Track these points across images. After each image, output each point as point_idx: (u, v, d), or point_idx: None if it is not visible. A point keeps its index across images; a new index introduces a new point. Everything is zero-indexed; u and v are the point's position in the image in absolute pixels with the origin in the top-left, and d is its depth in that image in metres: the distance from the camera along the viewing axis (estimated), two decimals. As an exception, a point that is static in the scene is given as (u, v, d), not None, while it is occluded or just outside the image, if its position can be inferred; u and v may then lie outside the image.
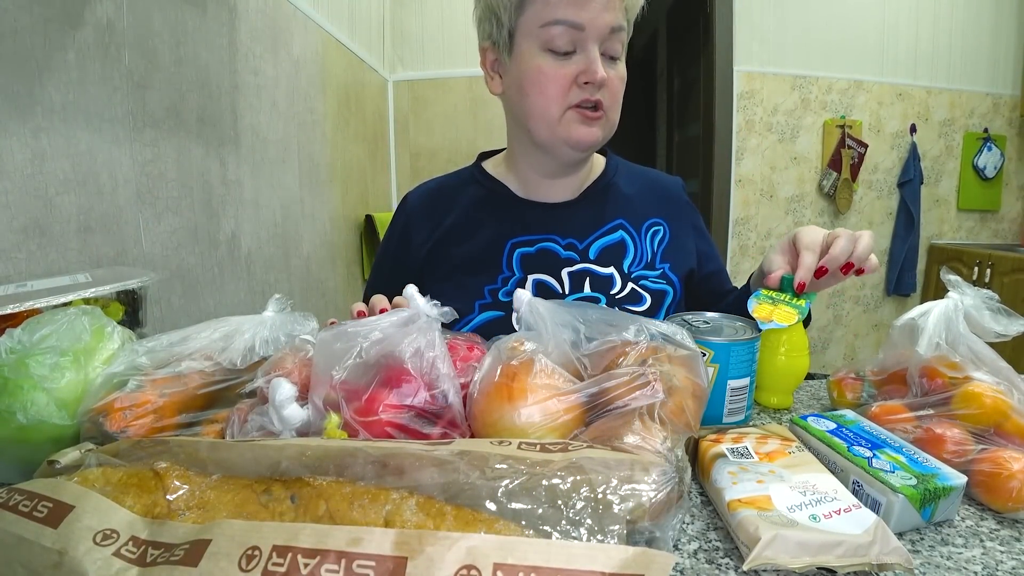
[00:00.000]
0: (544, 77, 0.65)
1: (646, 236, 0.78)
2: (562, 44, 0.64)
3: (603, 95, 0.66)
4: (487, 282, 0.74)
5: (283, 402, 0.42)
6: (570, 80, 0.65)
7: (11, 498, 0.32)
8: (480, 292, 0.73)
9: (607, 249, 0.76)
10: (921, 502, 0.40)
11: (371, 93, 2.12)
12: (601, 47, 0.65)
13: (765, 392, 0.64)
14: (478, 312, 0.72)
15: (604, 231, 0.77)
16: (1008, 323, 0.52)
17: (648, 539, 0.30)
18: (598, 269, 0.75)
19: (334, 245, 1.76)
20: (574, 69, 0.64)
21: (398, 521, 0.29)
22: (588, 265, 0.75)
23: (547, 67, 0.65)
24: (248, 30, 1.18)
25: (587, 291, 0.74)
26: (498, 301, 0.73)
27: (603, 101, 0.66)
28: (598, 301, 0.73)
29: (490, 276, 0.74)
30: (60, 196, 0.72)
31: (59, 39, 0.72)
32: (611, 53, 0.66)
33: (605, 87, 0.66)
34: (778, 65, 2.43)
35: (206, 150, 1.05)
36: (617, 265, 0.75)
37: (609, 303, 0.73)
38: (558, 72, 0.64)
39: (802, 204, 2.56)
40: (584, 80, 0.64)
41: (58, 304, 0.53)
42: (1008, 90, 2.62)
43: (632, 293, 0.74)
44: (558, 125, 0.67)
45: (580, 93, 0.65)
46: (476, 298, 0.73)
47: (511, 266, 0.74)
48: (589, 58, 0.64)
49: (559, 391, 0.42)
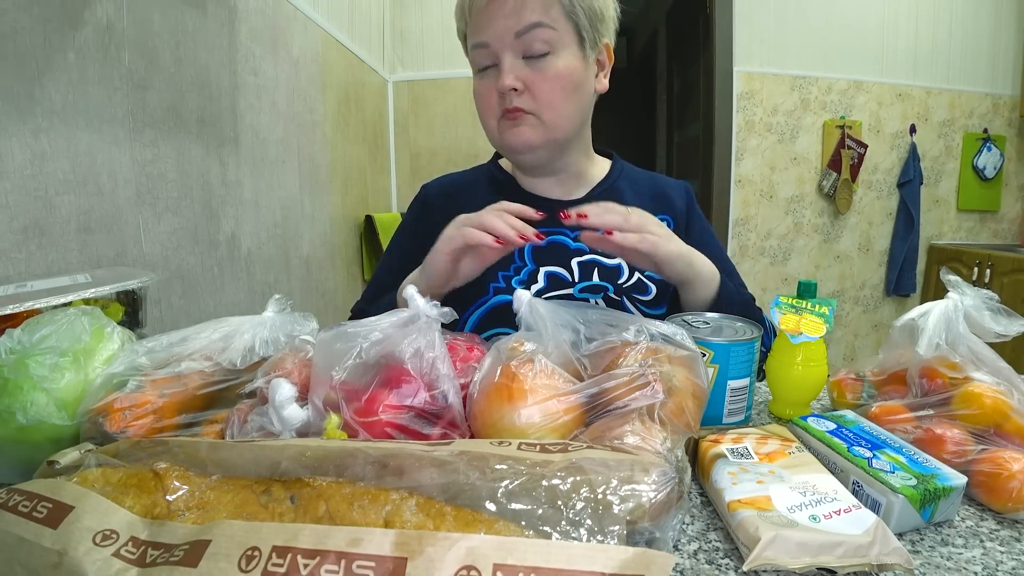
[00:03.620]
0: (478, 96, 0.72)
1: None
2: (482, 62, 0.69)
3: (523, 99, 0.67)
4: (501, 268, 0.76)
5: (283, 402, 0.42)
6: (494, 93, 0.69)
7: (11, 498, 0.32)
8: (495, 276, 0.76)
9: None
10: (921, 502, 0.40)
11: (371, 93, 2.12)
12: (520, 51, 0.66)
13: (780, 404, 0.62)
14: (492, 294, 0.75)
15: None
16: (1008, 323, 0.52)
17: (648, 540, 0.30)
18: (606, 260, 0.77)
19: (334, 246, 1.76)
20: (494, 82, 0.68)
21: (398, 521, 0.29)
22: (596, 256, 0.77)
23: (478, 86, 0.71)
24: (248, 30, 1.18)
25: (596, 280, 0.76)
26: (511, 287, 0.75)
27: (523, 106, 0.67)
28: (606, 290, 0.75)
29: (503, 264, 0.76)
30: (60, 196, 0.72)
31: (59, 39, 0.72)
32: (532, 52, 0.66)
33: (527, 92, 0.67)
34: (778, 65, 2.43)
35: (206, 150, 1.05)
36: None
37: (617, 292, 0.76)
38: (485, 88, 0.70)
39: (802, 204, 2.56)
40: (498, 90, 0.68)
41: (58, 304, 0.52)
42: (1008, 90, 2.62)
43: (639, 283, 0.77)
44: (497, 134, 0.72)
45: (501, 102, 0.69)
46: (490, 281, 0.76)
47: (523, 257, 0.77)
48: (499, 70, 0.67)
49: (559, 392, 0.42)
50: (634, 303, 0.76)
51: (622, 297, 0.76)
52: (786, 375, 0.60)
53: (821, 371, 0.59)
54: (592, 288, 0.76)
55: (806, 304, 0.59)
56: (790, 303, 0.60)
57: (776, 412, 0.62)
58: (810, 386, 0.60)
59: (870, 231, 2.64)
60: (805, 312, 0.58)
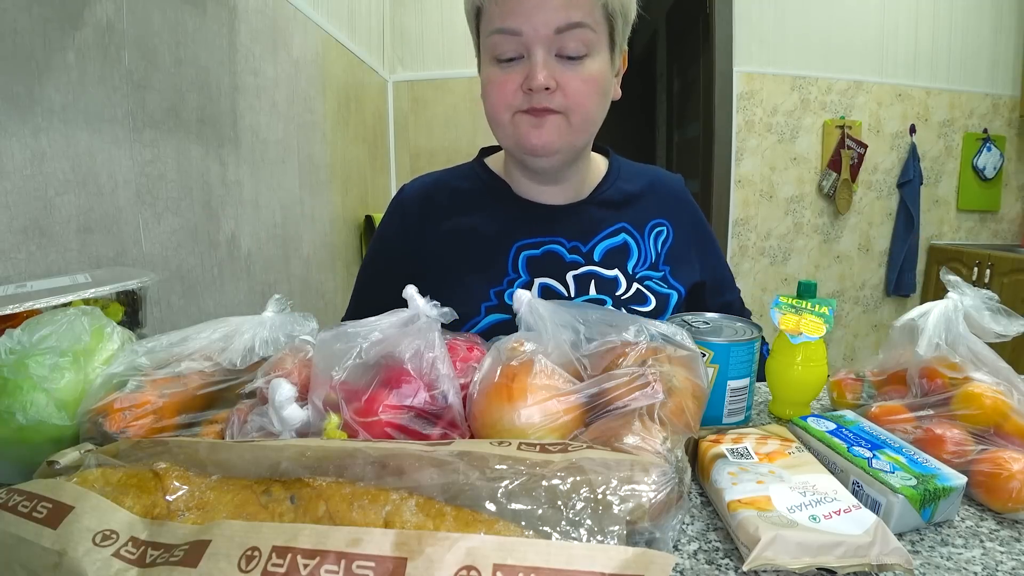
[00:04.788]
0: (491, 86, 0.66)
1: (649, 237, 0.78)
2: (506, 51, 0.63)
3: (554, 99, 0.63)
4: (493, 284, 0.73)
5: (283, 403, 0.42)
6: (516, 86, 0.64)
7: (11, 498, 0.32)
8: (486, 294, 0.72)
9: (611, 251, 0.76)
10: (921, 502, 0.40)
11: (371, 94, 2.12)
12: (554, 48, 0.62)
13: (780, 404, 0.62)
14: (484, 315, 0.71)
15: (607, 234, 0.76)
16: (1008, 323, 0.52)
17: (648, 540, 0.30)
18: (603, 272, 0.74)
19: (334, 246, 1.76)
20: (519, 75, 0.63)
21: (398, 522, 0.29)
22: (593, 268, 0.74)
23: (494, 75, 0.65)
24: (248, 31, 1.18)
25: (592, 293, 0.73)
26: (504, 304, 0.71)
27: (551, 106, 0.63)
28: (604, 303, 0.72)
29: (496, 278, 0.73)
30: (60, 196, 0.72)
31: (59, 39, 0.72)
32: (567, 53, 0.62)
33: (559, 91, 0.63)
34: (778, 65, 2.43)
35: (206, 150, 1.05)
36: (621, 267, 0.75)
37: (615, 305, 0.72)
38: (504, 79, 0.64)
39: (802, 204, 2.56)
40: (527, 87, 0.63)
41: (58, 304, 0.52)
42: (1008, 91, 2.62)
43: (637, 294, 0.74)
44: (510, 129, 0.67)
45: (526, 99, 0.64)
46: (482, 300, 0.72)
47: (517, 269, 0.73)
48: (531, 63, 0.62)
49: (559, 392, 0.42)
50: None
51: (621, 309, 0.73)
52: (786, 375, 0.60)
53: (821, 371, 0.59)
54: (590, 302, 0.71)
55: (806, 304, 0.59)
56: (790, 303, 0.60)
57: (776, 412, 0.62)
58: (810, 386, 0.60)
59: (870, 231, 2.64)
60: (805, 312, 0.58)
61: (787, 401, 0.61)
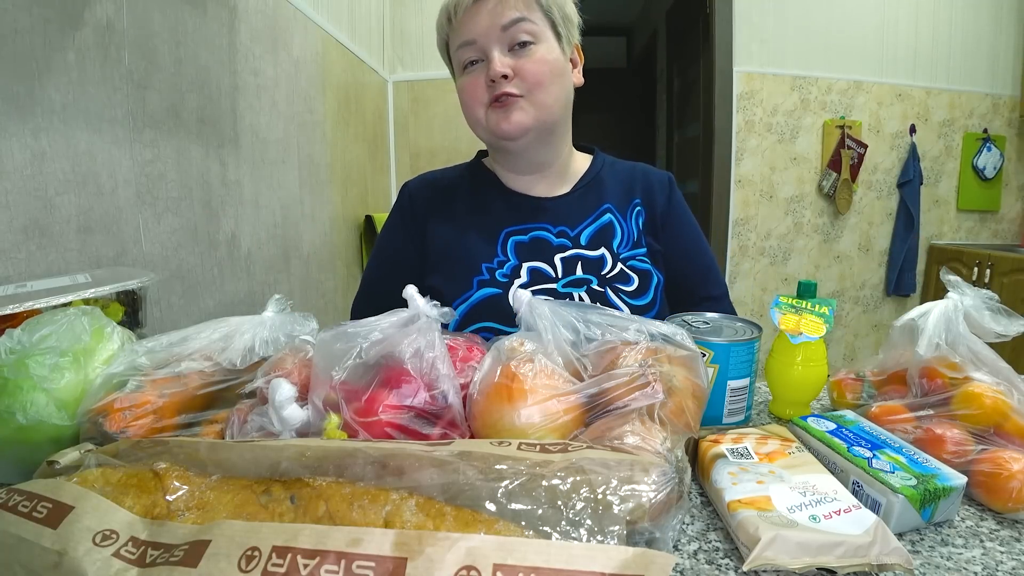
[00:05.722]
0: (464, 91, 0.76)
1: (631, 217, 0.83)
2: (470, 57, 0.74)
3: (515, 84, 0.72)
4: (484, 260, 0.78)
5: (283, 403, 0.42)
6: (482, 85, 0.73)
7: (11, 498, 0.32)
8: (478, 268, 0.77)
9: (597, 233, 0.80)
10: (921, 502, 0.40)
11: (371, 93, 2.12)
12: (506, 43, 0.72)
13: (780, 404, 0.62)
14: (476, 288, 0.76)
15: (593, 217, 0.81)
16: (1008, 323, 0.52)
17: (648, 540, 0.30)
18: (588, 253, 0.79)
19: (334, 245, 1.76)
20: (483, 75, 0.73)
21: (398, 522, 0.29)
22: (579, 251, 0.79)
23: (464, 81, 0.76)
24: (248, 31, 1.18)
25: (579, 274, 0.77)
26: (495, 280, 0.76)
27: (512, 91, 0.72)
28: (590, 282, 0.77)
29: (487, 256, 0.78)
30: (60, 196, 0.72)
31: (59, 39, 0.72)
32: (518, 41, 0.72)
33: (516, 76, 0.72)
34: (778, 65, 2.43)
35: (206, 150, 1.05)
36: (607, 246, 0.80)
37: (600, 283, 0.77)
38: (473, 82, 0.74)
39: (802, 204, 2.56)
40: (489, 79, 0.72)
41: (58, 304, 0.52)
42: (1008, 91, 2.62)
43: (621, 273, 0.78)
44: (484, 123, 0.75)
45: (491, 90, 0.73)
46: (474, 274, 0.77)
47: (506, 252, 0.79)
48: (489, 59, 0.72)
49: (559, 392, 0.42)
50: (617, 293, 0.77)
51: (605, 288, 0.77)
52: (786, 375, 0.60)
53: (821, 371, 0.59)
54: (575, 282, 0.77)
55: (806, 304, 0.59)
56: (790, 303, 0.60)
57: (776, 412, 0.62)
58: (810, 386, 0.60)
59: (870, 231, 2.64)
60: (805, 312, 0.58)
61: (787, 401, 0.61)
